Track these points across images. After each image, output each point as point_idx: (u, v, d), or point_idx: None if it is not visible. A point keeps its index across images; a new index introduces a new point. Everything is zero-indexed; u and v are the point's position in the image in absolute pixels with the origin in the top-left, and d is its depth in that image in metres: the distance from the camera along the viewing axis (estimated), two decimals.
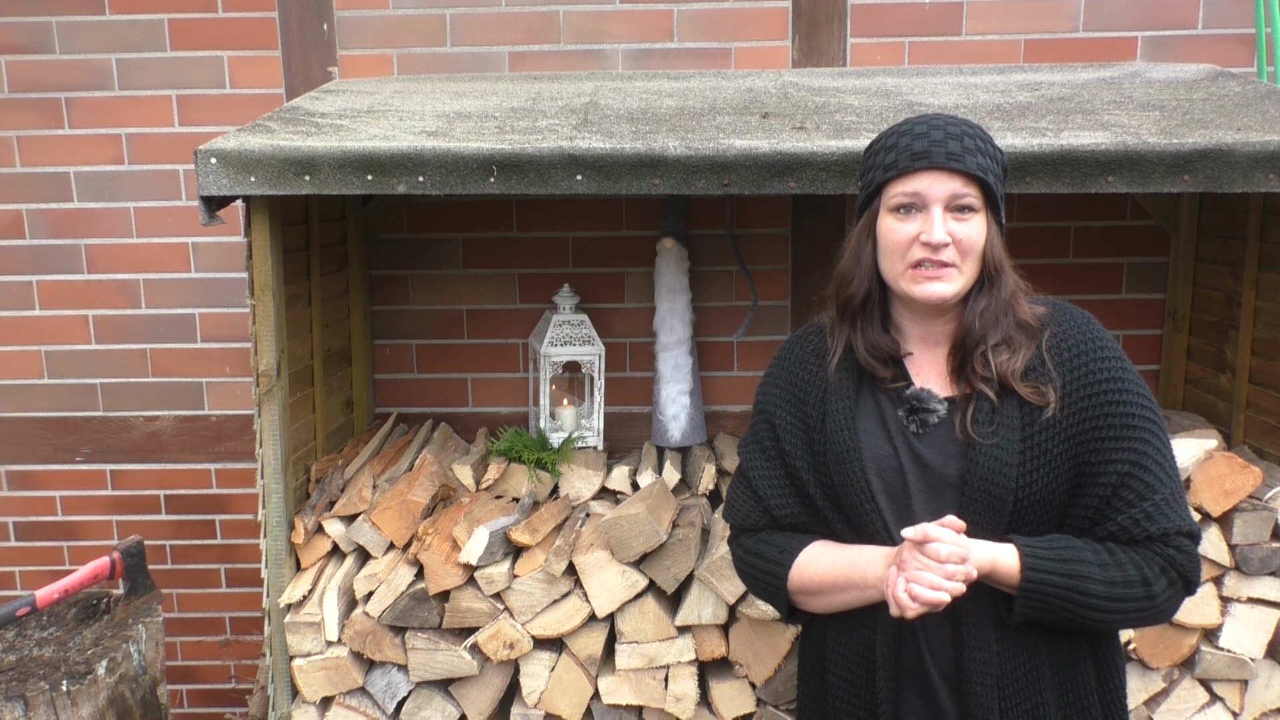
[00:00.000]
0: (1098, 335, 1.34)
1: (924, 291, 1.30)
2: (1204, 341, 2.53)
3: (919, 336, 1.40)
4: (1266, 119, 1.90)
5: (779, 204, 2.68)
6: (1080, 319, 1.37)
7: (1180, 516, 1.30)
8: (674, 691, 2.01)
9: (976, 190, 1.30)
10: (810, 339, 1.49)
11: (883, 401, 1.39)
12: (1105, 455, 1.29)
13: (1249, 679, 2.00)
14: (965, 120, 1.34)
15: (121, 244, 2.77)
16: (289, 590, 2.02)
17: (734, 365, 2.77)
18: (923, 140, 1.30)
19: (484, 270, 2.74)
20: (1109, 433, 1.29)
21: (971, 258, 1.31)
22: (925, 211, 1.30)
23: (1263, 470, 2.02)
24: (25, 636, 2.05)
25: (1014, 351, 1.32)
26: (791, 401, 1.45)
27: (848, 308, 1.40)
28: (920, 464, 1.34)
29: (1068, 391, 1.30)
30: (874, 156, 1.37)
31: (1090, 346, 1.33)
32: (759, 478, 1.48)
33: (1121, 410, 1.30)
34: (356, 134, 1.93)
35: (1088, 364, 1.31)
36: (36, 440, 2.86)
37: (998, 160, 1.34)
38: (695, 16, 2.66)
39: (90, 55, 2.69)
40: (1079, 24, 2.63)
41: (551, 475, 2.26)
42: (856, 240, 1.39)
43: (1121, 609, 1.28)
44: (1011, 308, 1.34)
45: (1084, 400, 1.30)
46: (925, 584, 1.22)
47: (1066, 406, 1.30)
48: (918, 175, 1.30)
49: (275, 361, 1.97)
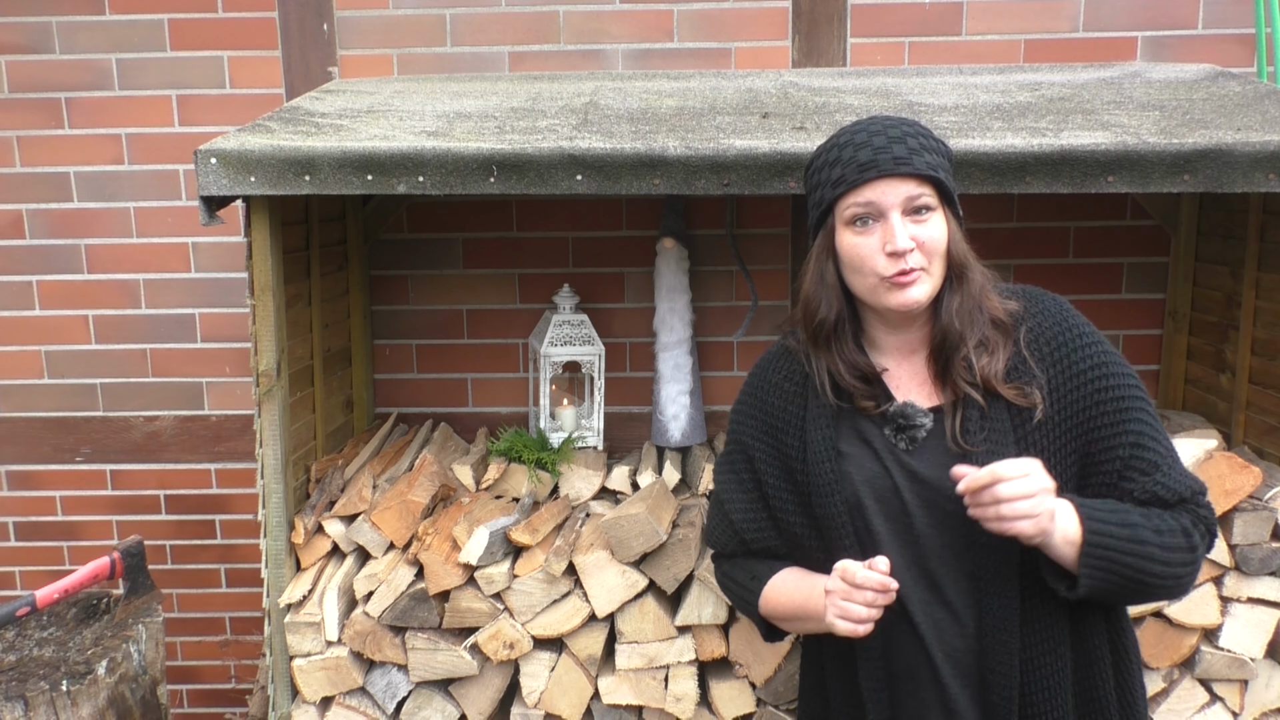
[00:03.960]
0: (1073, 322, 1.32)
1: (900, 300, 1.27)
2: (1204, 341, 2.53)
3: (895, 348, 1.37)
4: (1266, 119, 1.90)
5: (779, 204, 2.68)
6: (1053, 306, 1.35)
7: (1189, 480, 1.29)
8: (674, 691, 2.01)
9: (930, 188, 1.27)
10: (779, 364, 1.45)
11: (863, 423, 1.35)
12: (1105, 443, 1.28)
13: (1249, 679, 2.00)
14: (902, 119, 1.30)
15: (121, 244, 2.77)
16: (289, 590, 2.02)
17: (734, 365, 2.77)
18: (866, 149, 1.26)
19: (484, 270, 2.74)
20: (1104, 419, 1.28)
21: (937, 258, 1.28)
22: (883, 220, 1.26)
23: (1263, 470, 2.02)
24: (25, 636, 2.05)
25: (993, 353, 1.29)
26: (768, 433, 1.42)
27: (820, 332, 1.35)
28: (915, 480, 1.30)
29: (1054, 386, 1.29)
30: (818, 174, 1.33)
31: (1069, 336, 1.31)
32: (734, 508, 1.47)
33: (1112, 395, 1.28)
34: (356, 134, 1.93)
35: (1069, 354, 1.30)
36: (36, 440, 2.86)
37: (944, 154, 1.31)
38: (695, 16, 2.66)
39: (90, 55, 2.69)
40: (1079, 24, 2.63)
41: (551, 475, 2.26)
42: (817, 262, 1.35)
43: (1176, 565, 1.24)
44: (984, 304, 1.31)
45: (1073, 392, 1.28)
46: (845, 614, 1.25)
47: (1056, 401, 1.28)
48: (868, 186, 1.25)
49: (275, 361, 1.97)
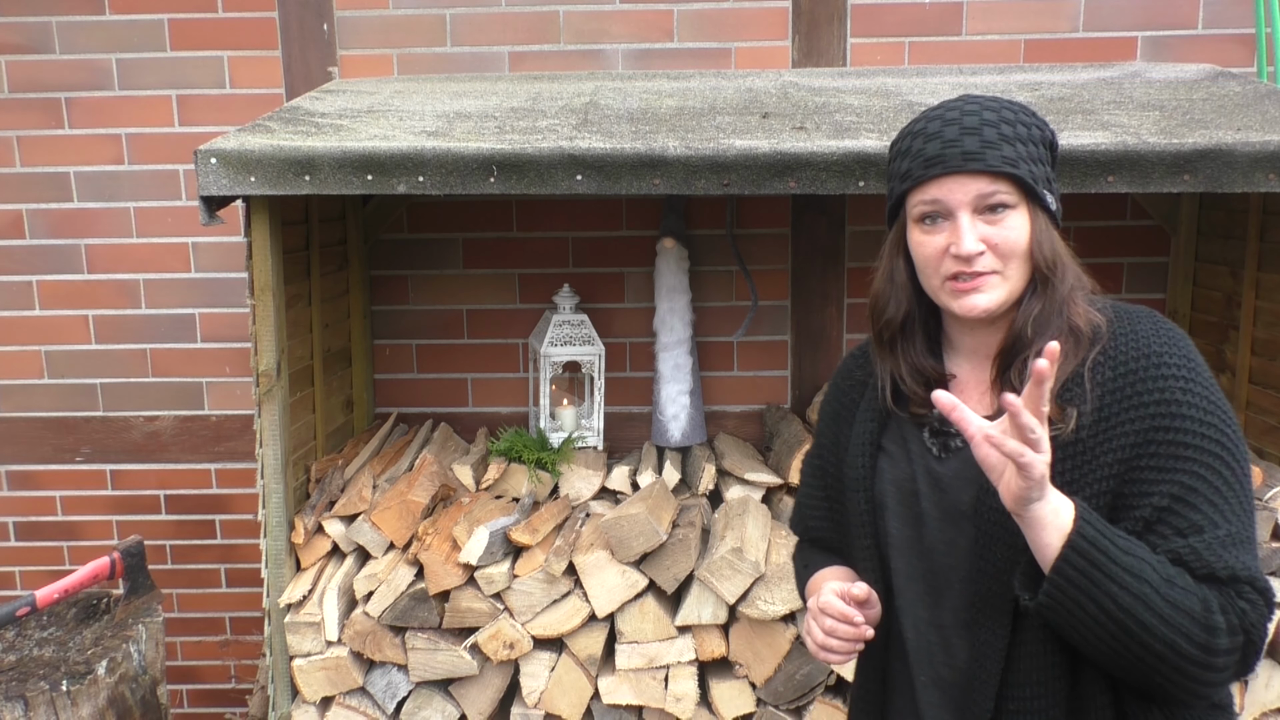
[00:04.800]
0: (1160, 349, 1.12)
1: (963, 306, 1.15)
2: (1204, 341, 2.53)
3: (971, 349, 1.26)
4: (1266, 119, 1.90)
5: (779, 204, 2.68)
6: (1145, 329, 1.15)
7: (1240, 560, 1.05)
8: (674, 691, 2.01)
9: (1008, 184, 1.13)
10: (857, 360, 1.42)
11: (907, 425, 1.27)
12: (1143, 485, 1.09)
13: (1249, 679, 2.00)
14: (988, 102, 1.16)
15: (121, 244, 2.77)
16: (289, 590, 2.02)
17: (734, 365, 2.77)
18: (935, 141, 1.14)
19: (484, 270, 2.74)
20: (1151, 462, 1.09)
21: (1016, 260, 1.14)
22: (952, 219, 1.14)
23: (1263, 470, 2.02)
24: (25, 636, 2.05)
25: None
26: (834, 422, 1.41)
27: (885, 333, 1.26)
28: (938, 489, 1.22)
29: (1106, 415, 1.11)
30: (892, 164, 1.23)
31: (1145, 363, 1.12)
32: (801, 493, 1.50)
33: (1171, 437, 1.08)
34: (356, 134, 1.93)
35: (1136, 382, 1.11)
36: (36, 440, 2.86)
37: (1035, 140, 1.15)
38: (695, 16, 2.66)
39: (90, 55, 2.69)
40: (1079, 24, 2.63)
41: (551, 475, 2.26)
42: (888, 258, 1.25)
43: (1174, 632, 1.02)
44: (1066, 307, 1.16)
45: (1127, 424, 1.10)
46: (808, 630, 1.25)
47: (1101, 432, 1.11)
48: (934, 183, 1.15)
49: (275, 361, 1.97)
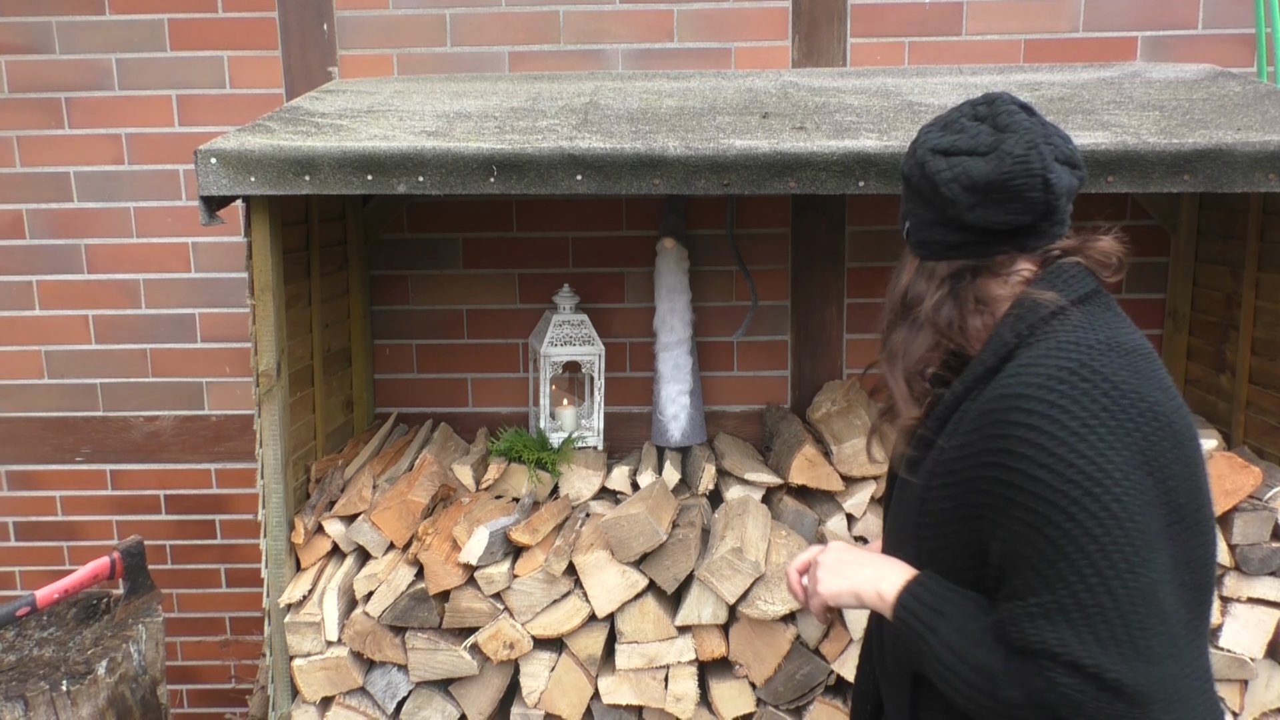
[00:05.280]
0: (1023, 391, 1.01)
1: None
2: (1204, 341, 2.53)
3: None
4: (1266, 119, 1.90)
5: (779, 204, 2.68)
6: (1032, 363, 1.04)
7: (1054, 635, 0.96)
8: (674, 691, 2.01)
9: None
10: None
11: None
12: (990, 534, 1.05)
13: (1249, 679, 2.00)
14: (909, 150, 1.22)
15: (121, 244, 2.77)
16: (289, 590, 2.02)
17: (734, 365, 2.77)
18: None
19: (484, 270, 2.74)
20: (989, 512, 1.04)
21: None
22: None
23: (1263, 470, 2.02)
24: (25, 636, 2.05)
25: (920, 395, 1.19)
26: None
27: None
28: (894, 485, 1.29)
29: (964, 453, 1.07)
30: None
31: (999, 405, 1.03)
32: None
33: (1002, 490, 1.01)
34: (356, 134, 1.93)
35: (986, 425, 1.04)
36: (36, 440, 2.86)
37: (914, 174, 1.18)
38: (695, 16, 2.66)
39: (90, 55, 2.69)
40: (1079, 24, 2.63)
41: (551, 475, 2.26)
42: None
43: (959, 684, 1.05)
44: (937, 335, 1.17)
45: (971, 469, 1.06)
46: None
47: (958, 466, 1.08)
48: None
49: (275, 361, 1.97)
